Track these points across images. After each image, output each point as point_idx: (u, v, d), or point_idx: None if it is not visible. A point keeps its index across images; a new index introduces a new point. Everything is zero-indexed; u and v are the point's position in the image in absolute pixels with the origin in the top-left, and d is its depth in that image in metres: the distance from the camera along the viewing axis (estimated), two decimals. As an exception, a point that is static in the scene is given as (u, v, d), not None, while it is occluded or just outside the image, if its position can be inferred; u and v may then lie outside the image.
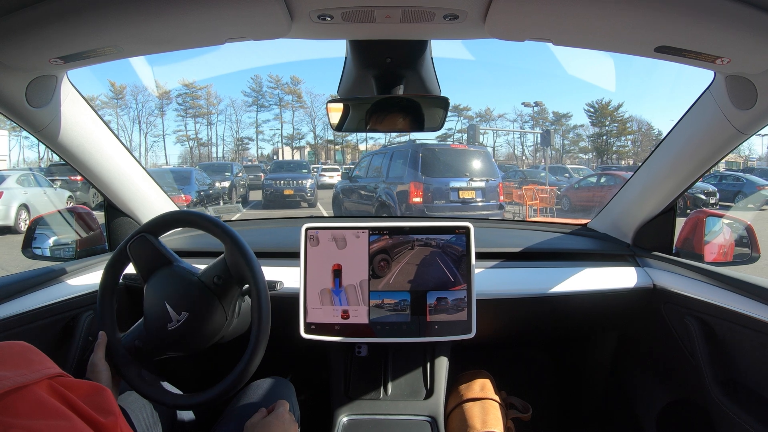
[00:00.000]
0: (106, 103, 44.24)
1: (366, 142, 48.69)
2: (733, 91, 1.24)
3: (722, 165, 37.66)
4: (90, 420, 0.53)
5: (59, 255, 1.76)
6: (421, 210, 8.25)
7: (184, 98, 47.60)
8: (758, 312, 1.29)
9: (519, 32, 1.09)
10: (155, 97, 45.81)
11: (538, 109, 46.08)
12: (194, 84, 46.93)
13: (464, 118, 48.22)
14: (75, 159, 1.51)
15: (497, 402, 1.61)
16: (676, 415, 1.68)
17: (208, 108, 48.35)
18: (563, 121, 47.35)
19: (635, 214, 1.82)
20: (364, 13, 1.02)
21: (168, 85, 46.74)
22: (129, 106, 45.87)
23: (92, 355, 1.13)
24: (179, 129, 48.74)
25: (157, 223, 1.26)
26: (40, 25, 0.98)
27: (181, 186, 11.72)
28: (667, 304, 1.64)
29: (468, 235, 1.52)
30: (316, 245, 1.53)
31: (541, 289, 1.67)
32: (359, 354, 1.65)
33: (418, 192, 8.30)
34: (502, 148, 49.55)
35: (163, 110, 47.36)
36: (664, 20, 0.97)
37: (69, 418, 0.50)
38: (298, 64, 54.54)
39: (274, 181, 15.08)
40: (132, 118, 46.08)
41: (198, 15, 1.00)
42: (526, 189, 13.95)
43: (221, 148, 49.67)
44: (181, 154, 49.17)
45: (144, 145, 46.45)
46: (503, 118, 48.60)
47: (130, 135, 45.37)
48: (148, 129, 47.07)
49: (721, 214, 1.77)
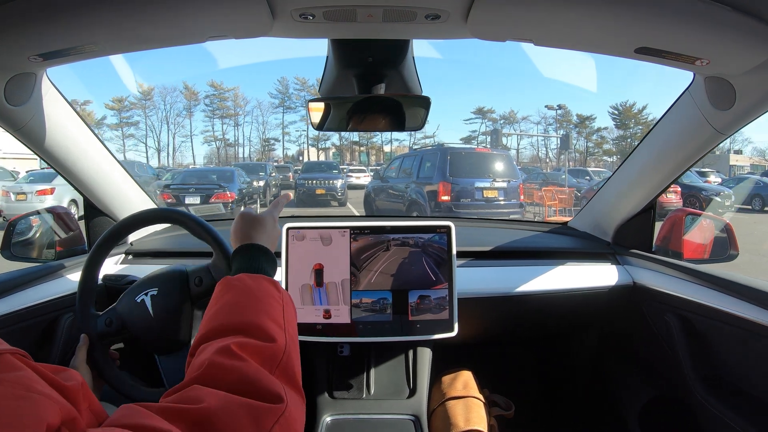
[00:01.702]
0: (135, 104, 45.85)
1: (391, 143, 49.97)
2: (712, 92, 1.26)
3: (747, 168, 38.03)
4: (54, 383, 0.52)
5: (39, 256, 1.73)
6: (448, 208, 8.93)
7: (211, 99, 48.91)
8: (737, 308, 1.31)
9: (500, 32, 1.09)
10: (183, 98, 47.06)
11: (562, 111, 46.36)
12: (222, 85, 48.29)
13: (488, 120, 48.87)
14: (53, 158, 1.49)
15: (480, 400, 1.61)
16: (658, 410, 1.70)
17: (235, 109, 49.71)
18: (587, 124, 47.73)
19: (615, 212, 1.84)
20: (346, 12, 1.02)
21: (196, 87, 48.04)
22: (157, 107, 47.35)
23: (73, 358, 1.12)
24: (207, 129, 50.24)
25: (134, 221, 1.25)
26: (19, 22, 0.96)
27: (226, 184, 11.98)
28: (647, 301, 1.66)
29: (449, 234, 1.53)
30: (297, 245, 1.52)
31: (523, 288, 1.68)
32: (341, 354, 1.65)
33: (447, 191, 9.00)
34: (526, 150, 50.26)
35: (191, 111, 48.48)
36: (644, 22, 0.98)
37: (34, 378, 0.49)
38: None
39: (306, 181, 15.90)
40: (160, 119, 47.51)
41: (179, 13, 0.99)
42: (545, 190, 14.38)
43: (247, 149, 51.10)
44: (207, 154, 50.63)
45: (172, 144, 47.84)
46: (527, 120, 49.16)
47: (158, 135, 46.92)
48: (176, 129, 48.39)
49: (699, 213, 1.79)
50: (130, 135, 47.52)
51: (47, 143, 1.43)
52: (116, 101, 46.35)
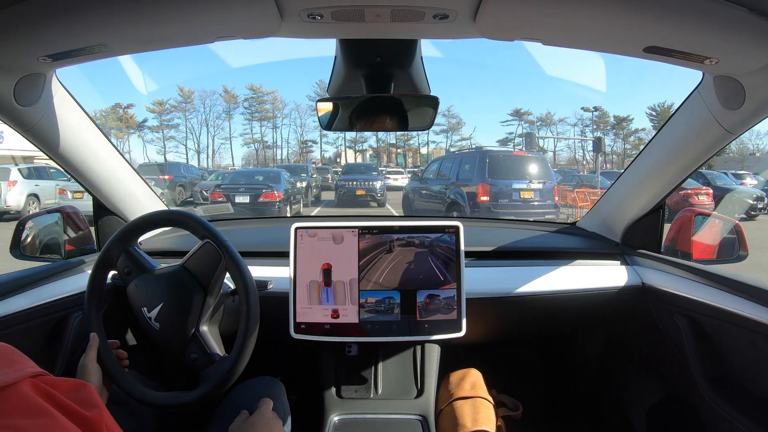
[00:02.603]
0: (175, 107, 47.22)
1: (428, 145, 50.44)
2: (721, 92, 1.25)
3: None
4: (74, 415, 0.53)
5: (48, 255, 1.74)
6: (487, 208, 9.34)
7: (250, 102, 50.10)
8: (747, 310, 1.30)
9: (509, 32, 1.09)
10: (223, 101, 48.55)
11: (598, 113, 45.98)
12: (261, 88, 49.48)
13: (525, 122, 48.61)
14: (63, 158, 1.50)
15: (488, 400, 1.61)
16: (665, 412, 1.69)
17: (274, 112, 50.70)
18: (624, 125, 47.21)
19: (624, 212, 1.83)
20: (354, 12, 1.02)
21: (236, 90, 49.29)
22: (197, 109, 48.65)
23: (84, 357, 1.13)
24: (246, 132, 51.47)
25: (142, 223, 1.26)
26: (29, 23, 0.97)
27: (274, 184, 12.67)
28: (656, 302, 1.65)
29: (457, 234, 1.52)
30: (305, 245, 1.52)
31: (531, 288, 1.67)
32: (349, 353, 1.65)
33: (485, 192, 9.42)
34: (562, 152, 49.82)
35: (231, 114, 49.82)
36: (652, 20, 0.97)
37: (52, 416, 0.50)
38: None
39: (347, 182, 16.45)
40: (200, 121, 48.92)
41: (187, 13, 0.99)
42: (578, 192, 14.71)
43: (285, 151, 52.22)
44: (245, 155, 51.96)
45: (211, 146, 49.44)
46: (564, 122, 48.75)
47: (198, 137, 48.27)
48: (215, 132, 49.78)
49: (709, 213, 1.78)
50: (170, 137, 48.81)
51: (56, 143, 1.44)
52: (157, 104, 47.56)
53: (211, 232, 1.21)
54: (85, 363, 1.11)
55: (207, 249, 1.23)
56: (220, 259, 1.21)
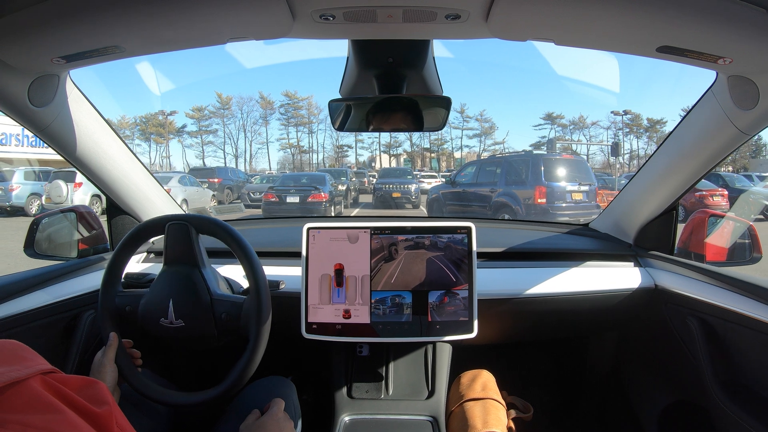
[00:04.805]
0: (214, 113, 48.46)
1: (461, 150, 50.39)
2: (735, 92, 1.24)
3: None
4: (84, 411, 0.53)
5: (61, 254, 1.76)
6: (544, 210, 9.53)
7: (286, 108, 50.91)
8: (760, 312, 1.28)
9: (521, 32, 1.09)
10: (259, 107, 49.62)
11: (630, 117, 45.13)
12: (296, 95, 50.34)
13: (557, 126, 48.38)
14: (76, 158, 1.51)
15: (498, 402, 1.60)
16: (677, 415, 1.67)
17: (309, 117, 51.22)
18: (657, 128, 46.41)
19: (637, 214, 1.81)
20: (366, 12, 1.02)
21: (271, 97, 50.26)
22: (234, 115, 49.65)
23: (102, 355, 1.14)
24: (282, 137, 52.28)
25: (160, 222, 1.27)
26: (43, 25, 0.98)
27: (320, 186, 13.88)
28: (669, 304, 1.63)
29: (470, 235, 1.52)
30: (318, 245, 1.53)
31: (542, 289, 1.66)
32: (360, 354, 1.66)
33: (542, 194, 9.63)
34: (595, 156, 49.22)
35: (267, 119, 50.86)
36: (665, 20, 0.96)
37: (62, 412, 0.50)
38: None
39: (383, 185, 17.19)
40: (238, 127, 50.02)
41: (200, 15, 1.00)
42: (598, 193, 14.77)
43: (321, 155, 52.73)
44: (280, 160, 52.63)
45: (249, 151, 50.57)
46: (597, 125, 48.10)
47: (235, 142, 49.40)
48: (253, 137, 50.69)
49: (722, 215, 1.76)
50: (209, 142, 49.92)
51: (70, 144, 1.45)
52: (196, 110, 48.78)
53: (231, 234, 1.24)
54: (103, 362, 1.12)
55: (171, 232, 1.25)
56: (188, 231, 1.24)
